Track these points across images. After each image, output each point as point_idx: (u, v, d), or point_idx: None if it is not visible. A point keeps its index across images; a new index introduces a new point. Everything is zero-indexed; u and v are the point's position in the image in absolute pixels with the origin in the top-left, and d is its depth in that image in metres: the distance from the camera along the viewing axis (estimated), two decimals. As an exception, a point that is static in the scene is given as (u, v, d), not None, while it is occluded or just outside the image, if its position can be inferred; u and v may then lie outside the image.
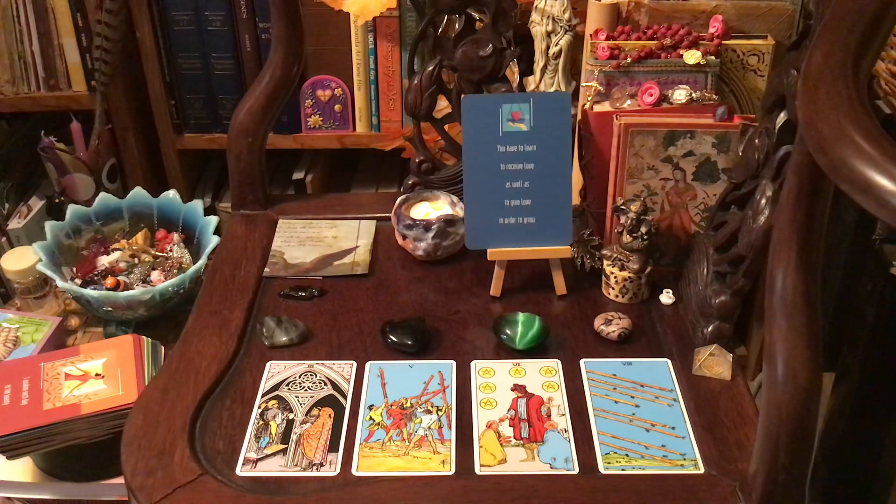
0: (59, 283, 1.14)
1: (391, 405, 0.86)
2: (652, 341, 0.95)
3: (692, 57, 1.00)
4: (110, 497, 1.02)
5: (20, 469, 1.03)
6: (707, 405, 0.86)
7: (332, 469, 0.79)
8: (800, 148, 0.67)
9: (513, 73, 1.11)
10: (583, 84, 1.04)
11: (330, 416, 0.85)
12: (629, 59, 1.01)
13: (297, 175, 1.58)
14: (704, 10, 1.07)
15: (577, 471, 0.79)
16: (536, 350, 0.92)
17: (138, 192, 1.30)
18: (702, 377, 0.89)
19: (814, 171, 0.64)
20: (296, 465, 0.80)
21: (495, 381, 0.89)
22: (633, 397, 0.87)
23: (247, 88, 1.20)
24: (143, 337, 1.08)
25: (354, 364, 0.91)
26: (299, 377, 0.90)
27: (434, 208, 1.10)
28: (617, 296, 1.00)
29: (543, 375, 0.90)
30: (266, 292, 1.02)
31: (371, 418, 0.85)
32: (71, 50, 1.47)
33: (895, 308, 1.04)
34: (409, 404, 0.86)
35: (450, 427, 0.83)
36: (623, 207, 0.97)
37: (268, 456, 0.81)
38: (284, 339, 0.94)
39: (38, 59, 1.48)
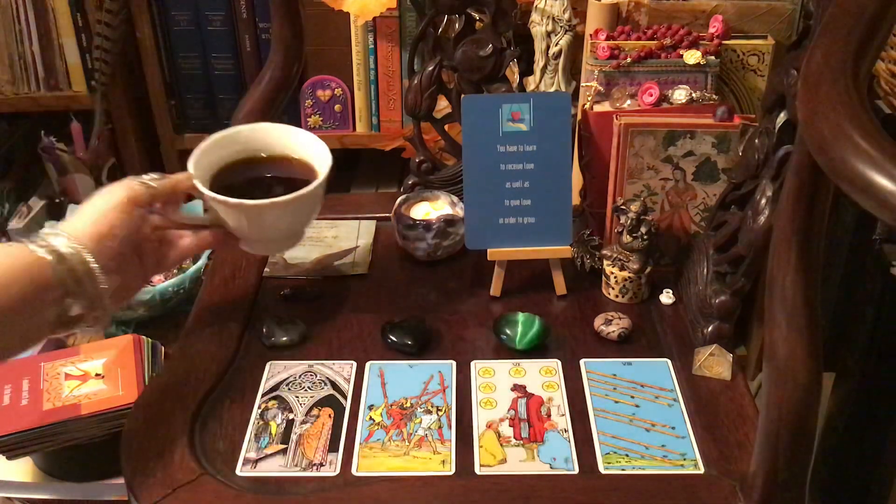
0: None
1: (391, 405, 0.86)
2: (652, 341, 0.95)
3: (692, 57, 1.00)
4: (110, 497, 1.02)
5: (20, 469, 1.03)
6: (707, 405, 0.86)
7: (332, 469, 0.79)
8: (800, 148, 0.67)
9: (513, 73, 1.11)
10: (583, 84, 1.05)
11: (330, 416, 0.85)
12: (629, 59, 1.01)
13: (298, 175, 1.58)
14: (704, 10, 1.07)
15: (577, 471, 0.79)
16: (536, 350, 0.92)
17: (138, 192, 1.30)
18: (702, 377, 0.89)
19: (814, 171, 0.64)
20: (296, 466, 0.80)
21: (495, 381, 0.89)
22: (633, 397, 0.87)
23: (247, 88, 1.20)
24: (143, 337, 1.08)
25: (354, 364, 0.91)
26: (299, 377, 0.90)
27: (434, 208, 1.09)
28: (617, 296, 1.00)
29: (543, 375, 0.90)
30: (266, 292, 1.02)
31: (371, 418, 0.85)
32: (71, 50, 1.47)
33: (895, 308, 1.04)
34: (409, 404, 0.86)
35: (450, 427, 0.83)
36: (623, 207, 0.97)
37: (268, 456, 0.81)
38: (284, 339, 0.94)
39: (38, 59, 1.48)
